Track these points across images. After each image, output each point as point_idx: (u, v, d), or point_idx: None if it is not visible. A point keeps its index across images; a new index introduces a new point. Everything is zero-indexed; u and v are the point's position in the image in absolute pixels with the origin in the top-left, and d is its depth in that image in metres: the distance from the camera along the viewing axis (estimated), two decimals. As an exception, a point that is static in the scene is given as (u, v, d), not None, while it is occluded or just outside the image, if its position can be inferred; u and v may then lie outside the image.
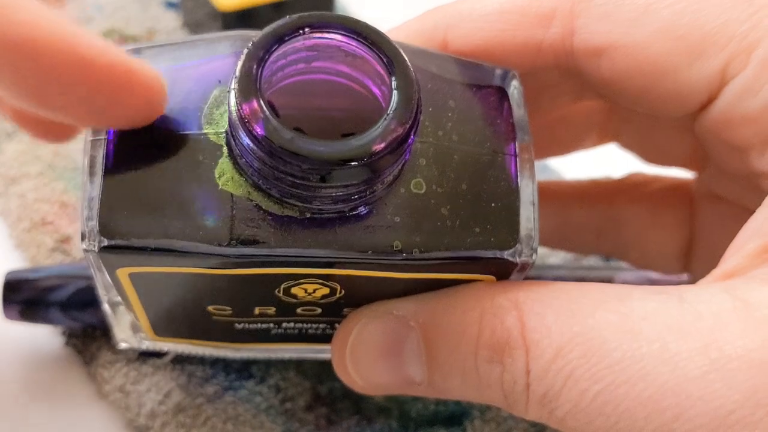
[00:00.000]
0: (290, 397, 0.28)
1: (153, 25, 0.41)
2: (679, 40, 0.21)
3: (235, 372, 0.28)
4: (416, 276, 0.20)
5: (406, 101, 0.18)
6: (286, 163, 0.17)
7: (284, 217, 0.19)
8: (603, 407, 0.18)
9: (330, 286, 0.21)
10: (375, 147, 0.17)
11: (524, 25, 0.22)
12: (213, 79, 0.20)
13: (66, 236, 0.32)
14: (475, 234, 0.19)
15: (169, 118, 0.19)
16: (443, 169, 0.20)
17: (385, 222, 0.19)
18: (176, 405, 0.27)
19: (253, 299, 0.22)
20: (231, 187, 0.19)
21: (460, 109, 0.20)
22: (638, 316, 0.19)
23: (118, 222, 0.19)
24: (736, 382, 0.17)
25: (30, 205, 0.33)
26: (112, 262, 0.20)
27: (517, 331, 0.19)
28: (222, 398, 0.28)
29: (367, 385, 0.22)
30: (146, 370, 0.28)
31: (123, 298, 0.22)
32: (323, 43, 0.19)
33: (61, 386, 0.29)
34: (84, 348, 0.29)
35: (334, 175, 0.18)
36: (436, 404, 0.28)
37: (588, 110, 0.27)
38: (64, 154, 0.34)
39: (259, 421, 0.27)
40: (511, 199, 0.20)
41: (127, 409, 0.28)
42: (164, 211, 0.19)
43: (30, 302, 0.28)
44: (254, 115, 0.17)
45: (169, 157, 0.19)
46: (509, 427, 0.28)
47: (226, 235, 0.18)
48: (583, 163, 0.32)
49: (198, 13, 0.40)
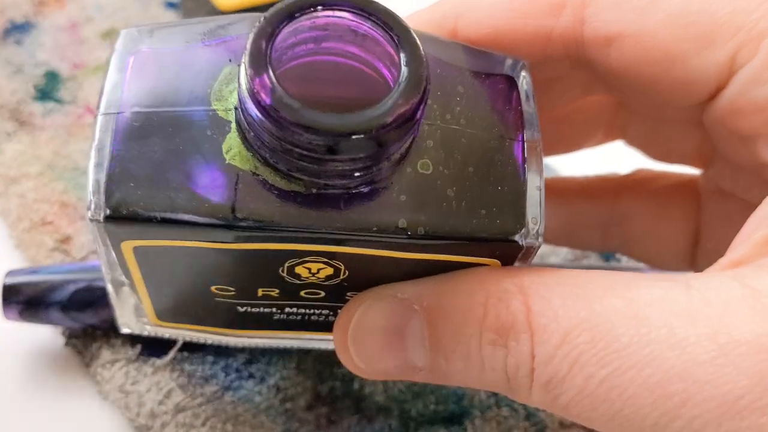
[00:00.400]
0: (290, 397, 0.28)
1: (153, 25, 0.41)
2: (688, 27, 0.21)
3: (235, 372, 0.28)
4: (420, 257, 0.20)
5: (415, 77, 0.18)
6: (293, 134, 0.18)
7: (290, 192, 0.19)
8: (608, 393, 0.18)
9: (334, 265, 0.21)
10: (383, 120, 0.18)
11: (534, 13, 0.23)
12: (224, 57, 0.20)
13: (66, 236, 0.32)
14: (481, 216, 0.20)
15: (179, 94, 0.19)
16: (450, 151, 0.20)
17: (391, 200, 0.19)
18: (176, 405, 0.27)
19: (256, 279, 0.22)
20: (238, 162, 0.19)
21: (469, 94, 0.21)
22: (645, 302, 0.19)
23: (124, 192, 0.19)
24: (744, 367, 0.17)
25: (30, 205, 0.33)
26: (117, 234, 0.20)
27: (522, 315, 0.19)
28: (222, 398, 0.28)
29: (369, 369, 0.22)
30: (146, 370, 0.28)
31: (126, 276, 0.22)
32: (333, 22, 0.19)
33: (61, 386, 0.29)
34: (84, 348, 0.29)
35: (341, 147, 0.18)
36: (437, 404, 0.28)
37: (595, 107, 0.27)
38: (64, 154, 0.35)
39: (259, 421, 0.27)
40: (518, 183, 0.20)
41: (127, 409, 0.28)
42: (170, 184, 0.19)
43: (30, 302, 0.28)
44: (263, 87, 0.18)
45: (177, 132, 0.19)
46: (509, 426, 0.28)
47: (230, 208, 0.19)
48: (583, 162, 0.32)
49: (198, 12, 0.40)
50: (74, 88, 0.37)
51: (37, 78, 0.38)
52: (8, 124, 0.36)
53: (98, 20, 0.40)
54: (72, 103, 0.37)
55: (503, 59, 0.22)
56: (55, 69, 0.38)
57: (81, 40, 0.40)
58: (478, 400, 0.29)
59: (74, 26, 0.40)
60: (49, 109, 0.36)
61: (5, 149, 0.35)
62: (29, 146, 0.35)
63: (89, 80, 0.38)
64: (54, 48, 0.39)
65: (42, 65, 0.38)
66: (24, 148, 0.35)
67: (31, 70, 0.38)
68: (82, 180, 0.34)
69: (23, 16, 0.40)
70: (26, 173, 0.34)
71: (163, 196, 0.19)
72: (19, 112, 0.36)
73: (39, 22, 0.40)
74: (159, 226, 0.19)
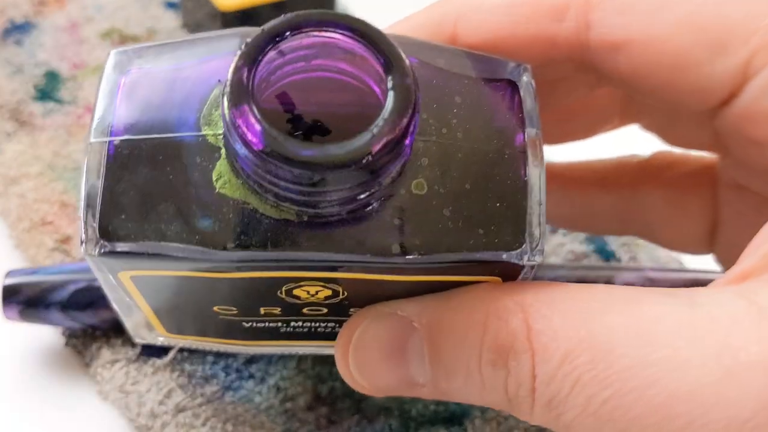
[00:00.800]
0: (290, 397, 0.28)
1: (153, 25, 0.41)
2: (700, 33, 0.20)
3: (235, 372, 0.28)
4: (418, 278, 0.20)
5: (402, 104, 0.17)
6: (277, 167, 0.17)
7: (281, 220, 0.18)
8: (612, 413, 0.18)
9: (332, 288, 0.21)
10: (368, 150, 0.17)
11: (537, 17, 0.22)
12: (213, 78, 0.19)
13: (66, 236, 0.32)
14: (479, 236, 0.19)
15: (169, 119, 0.19)
16: (446, 167, 0.19)
17: (384, 225, 0.19)
18: (176, 405, 0.27)
19: (256, 300, 0.22)
20: (228, 190, 0.18)
21: (467, 104, 0.20)
22: (648, 320, 0.18)
23: (116, 226, 0.18)
24: (751, 389, 0.17)
25: (30, 205, 0.33)
26: (112, 266, 0.20)
27: (523, 334, 0.19)
28: (222, 398, 0.28)
29: (370, 386, 0.22)
30: (146, 370, 0.28)
31: (130, 299, 0.22)
32: (320, 41, 0.18)
33: (61, 386, 0.29)
34: (84, 348, 0.29)
35: (327, 180, 0.17)
36: (437, 404, 0.28)
37: (607, 96, 0.27)
38: (64, 154, 0.34)
39: (259, 421, 0.27)
40: (518, 199, 0.19)
41: (127, 409, 0.28)
42: (162, 216, 0.18)
43: (30, 302, 0.28)
44: (245, 121, 0.17)
45: (168, 160, 0.19)
46: (510, 426, 0.28)
47: (222, 239, 0.18)
48: (591, 152, 0.31)
49: (198, 12, 0.40)
50: (74, 88, 0.37)
51: (37, 78, 0.38)
52: (8, 124, 0.36)
53: (98, 20, 0.40)
54: (72, 103, 0.37)
55: (504, 63, 0.21)
56: (55, 69, 0.38)
57: (81, 40, 0.40)
58: (479, 401, 0.29)
59: (74, 26, 0.40)
60: (49, 109, 0.36)
61: (5, 149, 0.35)
62: (29, 146, 0.35)
63: (89, 80, 0.38)
64: (54, 48, 0.39)
65: (42, 65, 0.38)
66: (24, 148, 0.35)
67: (31, 70, 0.38)
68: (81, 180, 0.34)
69: (23, 16, 0.40)
70: (26, 173, 0.34)
71: (154, 229, 0.18)
72: (19, 112, 0.36)
73: (39, 22, 0.40)
74: (152, 259, 0.19)
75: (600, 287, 0.20)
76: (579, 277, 0.30)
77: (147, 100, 0.19)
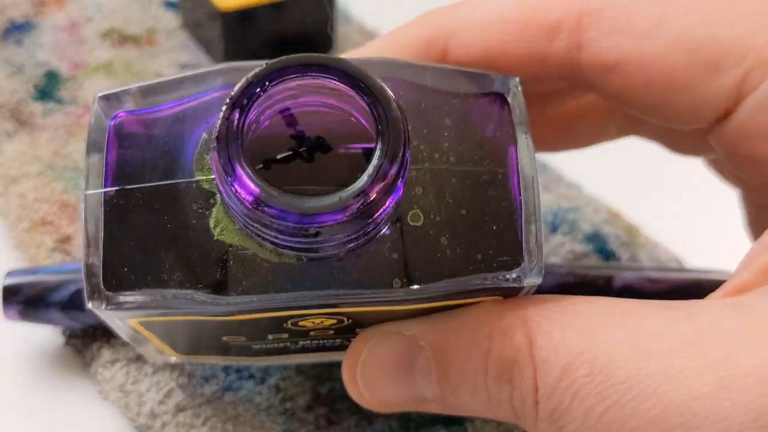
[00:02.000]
0: (290, 397, 0.28)
1: (153, 24, 0.41)
2: (694, 53, 0.20)
3: (235, 372, 0.28)
4: (420, 306, 0.20)
5: (392, 149, 0.17)
6: (272, 221, 0.17)
7: (281, 264, 0.18)
8: (610, 426, 0.18)
9: (336, 318, 0.21)
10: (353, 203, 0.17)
11: (527, 36, 0.22)
12: (201, 119, 0.19)
13: (66, 236, 0.32)
14: (477, 261, 0.19)
15: (162, 164, 0.19)
16: (441, 195, 0.19)
17: (384, 259, 0.19)
18: (176, 405, 0.27)
19: (264, 331, 0.22)
20: (226, 237, 0.18)
21: (457, 125, 0.20)
22: (645, 332, 0.19)
23: (119, 279, 0.18)
24: (743, 401, 0.17)
25: (30, 205, 0.33)
26: (120, 315, 0.20)
27: (525, 349, 0.19)
28: (222, 398, 0.28)
29: (379, 403, 0.22)
30: (146, 370, 0.28)
31: (140, 336, 0.23)
32: (305, 84, 0.18)
33: (61, 386, 0.29)
34: (84, 348, 0.29)
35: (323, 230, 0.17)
36: (437, 404, 0.28)
37: (607, 106, 0.27)
38: (64, 154, 0.34)
39: (259, 421, 0.27)
40: (513, 219, 0.19)
41: (127, 409, 0.28)
42: (163, 266, 0.18)
43: (30, 302, 0.28)
44: (238, 180, 0.17)
45: (165, 208, 0.19)
46: (510, 426, 0.28)
47: (224, 286, 0.18)
48: (585, 162, 0.31)
49: (198, 12, 0.40)
50: (74, 88, 0.37)
51: (37, 78, 0.38)
52: (8, 124, 0.36)
53: (98, 20, 0.40)
54: (72, 103, 0.37)
55: (493, 77, 0.21)
56: (55, 69, 0.38)
57: (81, 40, 0.40)
58: (479, 400, 0.29)
59: (74, 26, 0.40)
60: (49, 109, 0.36)
61: (5, 149, 0.35)
62: (29, 146, 0.35)
63: (89, 80, 0.38)
64: (54, 48, 0.39)
65: (42, 65, 0.38)
66: (24, 148, 0.35)
67: (31, 70, 0.38)
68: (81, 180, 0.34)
69: (23, 16, 0.40)
70: (26, 173, 0.34)
71: (157, 280, 0.18)
72: (19, 112, 0.36)
73: (39, 22, 0.40)
74: (156, 308, 0.19)
75: (600, 300, 0.20)
76: (579, 275, 0.30)
77: (137, 145, 0.19)
